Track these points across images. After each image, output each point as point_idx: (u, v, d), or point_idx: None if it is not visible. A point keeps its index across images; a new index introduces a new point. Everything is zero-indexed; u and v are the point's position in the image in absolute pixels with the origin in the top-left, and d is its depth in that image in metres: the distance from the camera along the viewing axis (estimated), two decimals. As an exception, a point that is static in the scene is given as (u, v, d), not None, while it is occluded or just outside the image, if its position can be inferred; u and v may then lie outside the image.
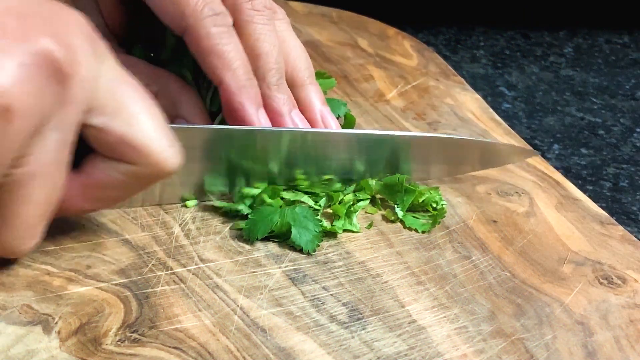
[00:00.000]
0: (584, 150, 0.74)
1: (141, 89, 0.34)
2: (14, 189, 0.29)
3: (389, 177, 0.50)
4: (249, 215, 0.46)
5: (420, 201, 0.49)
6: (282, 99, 0.48)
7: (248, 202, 0.47)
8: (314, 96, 0.50)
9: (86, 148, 0.33)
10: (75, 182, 0.34)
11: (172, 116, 0.47)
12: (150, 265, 0.42)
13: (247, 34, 0.47)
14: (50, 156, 0.30)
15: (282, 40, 0.50)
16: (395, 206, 0.49)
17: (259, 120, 0.46)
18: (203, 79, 0.49)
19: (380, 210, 0.50)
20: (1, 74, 0.27)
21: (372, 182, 0.50)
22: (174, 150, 0.35)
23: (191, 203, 0.47)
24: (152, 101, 0.35)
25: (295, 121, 0.48)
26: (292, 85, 0.50)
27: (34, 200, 0.30)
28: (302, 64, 0.51)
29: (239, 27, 0.47)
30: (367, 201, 0.50)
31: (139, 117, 0.33)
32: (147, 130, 0.33)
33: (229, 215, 0.47)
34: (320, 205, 0.48)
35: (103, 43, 0.33)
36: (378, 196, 0.50)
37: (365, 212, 0.49)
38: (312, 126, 0.49)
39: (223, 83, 0.45)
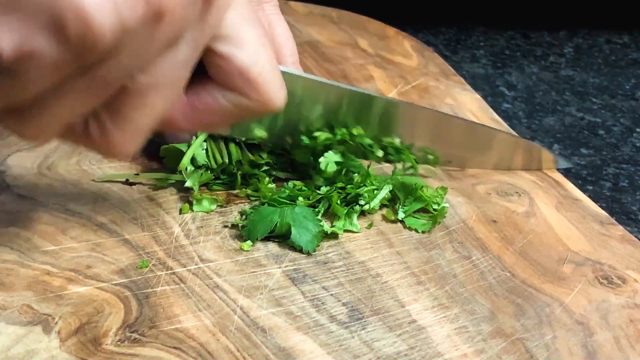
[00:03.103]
0: (584, 150, 0.74)
1: (263, 29, 0.36)
2: (135, 95, 0.30)
3: (408, 177, 0.50)
4: (249, 216, 0.46)
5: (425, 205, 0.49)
6: None
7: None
8: None
9: (196, 73, 0.35)
10: (183, 102, 0.35)
11: None
12: (150, 265, 0.42)
13: None
14: (176, 70, 0.31)
15: (269, 23, 0.50)
16: (400, 207, 0.49)
17: None
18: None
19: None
20: None
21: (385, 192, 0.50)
22: (283, 93, 0.36)
23: (186, 209, 0.47)
24: (270, 42, 0.36)
25: None
26: None
27: (149, 110, 0.31)
28: (287, 50, 0.52)
29: None
30: (375, 205, 0.49)
31: (261, 55, 0.35)
32: (266, 68, 0.35)
33: (228, 215, 0.47)
34: (320, 210, 0.48)
35: None
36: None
37: (366, 213, 0.49)
38: None
39: None
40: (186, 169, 0.48)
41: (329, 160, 0.49)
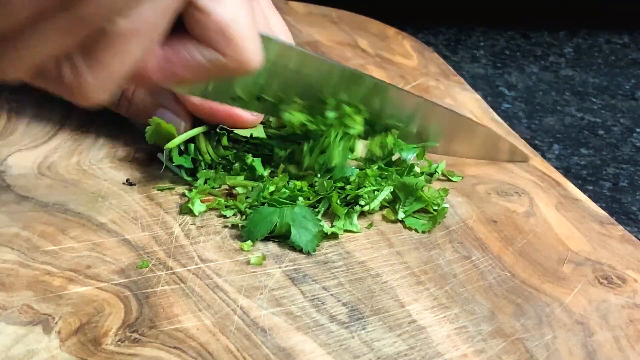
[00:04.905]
0: (584, 150, 0.74)
1: None
2: (112, 39, 0.30)
3: (408, 177, 0.50)
4: (249, 216, 0.46)
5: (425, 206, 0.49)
6: None
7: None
8: None
9: (174, 27, 0.34)
10: (158, 54, 0.35)
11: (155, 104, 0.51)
12: (150, 265, 0.42)
13: None
14: (156, 17, 0.31)
15: (263, 18, 0.50)
16: (400, 207, 0.49)
17: None
18: None
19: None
20: None
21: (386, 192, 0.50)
22: (261, 54, 0.36)
23: (185, 208, 0.47)
24: (251, 3, 0.36)
25: None
26: None
27: (125, 57, 0.31)
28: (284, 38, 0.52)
29: None
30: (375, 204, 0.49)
31: (241, 13, 0.35)
32: (246, 27, 0.35)
33: (228, 215, 0.47)
34: (320, 210, 0.48)
35: None
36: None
37: (366, 213, 0.49)
38: None
39: None
40: (171, 159, 0.49)
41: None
